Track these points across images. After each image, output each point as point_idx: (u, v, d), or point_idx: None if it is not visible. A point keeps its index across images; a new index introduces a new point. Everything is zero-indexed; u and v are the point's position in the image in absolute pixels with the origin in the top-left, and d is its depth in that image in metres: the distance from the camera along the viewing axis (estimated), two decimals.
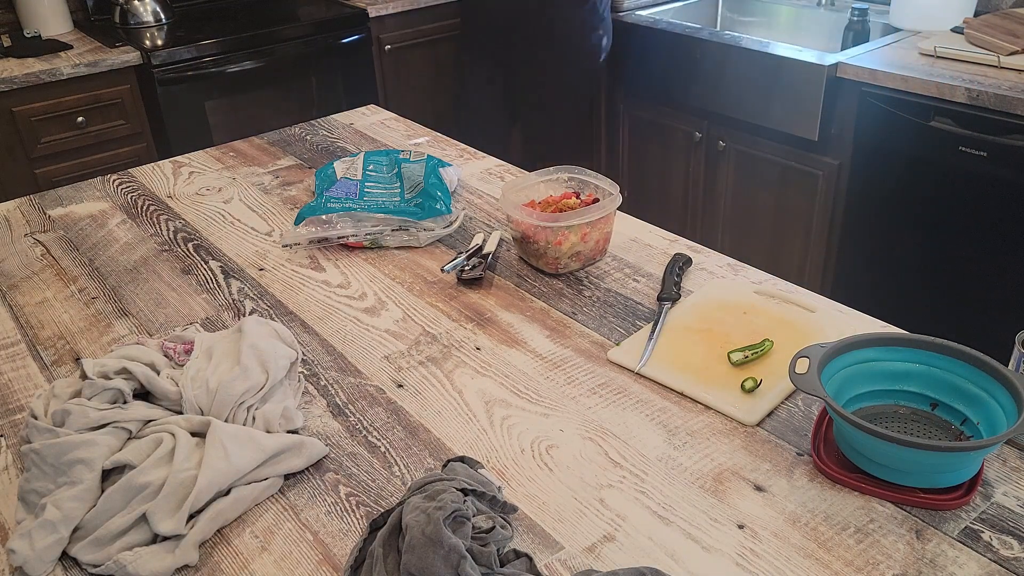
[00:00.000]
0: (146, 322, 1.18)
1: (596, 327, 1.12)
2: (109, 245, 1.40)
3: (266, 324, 1.03)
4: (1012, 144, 1.90)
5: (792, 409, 0.95)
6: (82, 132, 2.56)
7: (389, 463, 0.91)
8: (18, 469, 0.92)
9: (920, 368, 0.90)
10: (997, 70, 2.02)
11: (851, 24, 2.55)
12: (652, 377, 1.01)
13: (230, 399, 0.90)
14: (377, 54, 3.08)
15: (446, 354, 1.08)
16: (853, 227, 2.31)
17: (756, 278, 1.21)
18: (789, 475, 0.86)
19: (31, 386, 1.06)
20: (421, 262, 1.31)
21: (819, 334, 1.05)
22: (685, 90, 2.59)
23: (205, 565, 0.79)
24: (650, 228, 1.37)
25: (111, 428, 0.87)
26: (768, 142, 2.42)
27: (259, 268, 1.31)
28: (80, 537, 0.80)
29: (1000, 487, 0.82)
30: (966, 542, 0.77)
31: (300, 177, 1.63)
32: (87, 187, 1.63)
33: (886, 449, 0.79)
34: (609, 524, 0.81)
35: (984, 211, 2.01)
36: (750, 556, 0.77)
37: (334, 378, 1.05)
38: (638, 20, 2.69)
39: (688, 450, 0.90)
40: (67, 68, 2.46)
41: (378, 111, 1.98)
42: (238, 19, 2.96)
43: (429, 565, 0.67)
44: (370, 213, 1.35)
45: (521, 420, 0.95)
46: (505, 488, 0.86)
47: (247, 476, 0.85)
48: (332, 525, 0.83)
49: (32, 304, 1.24)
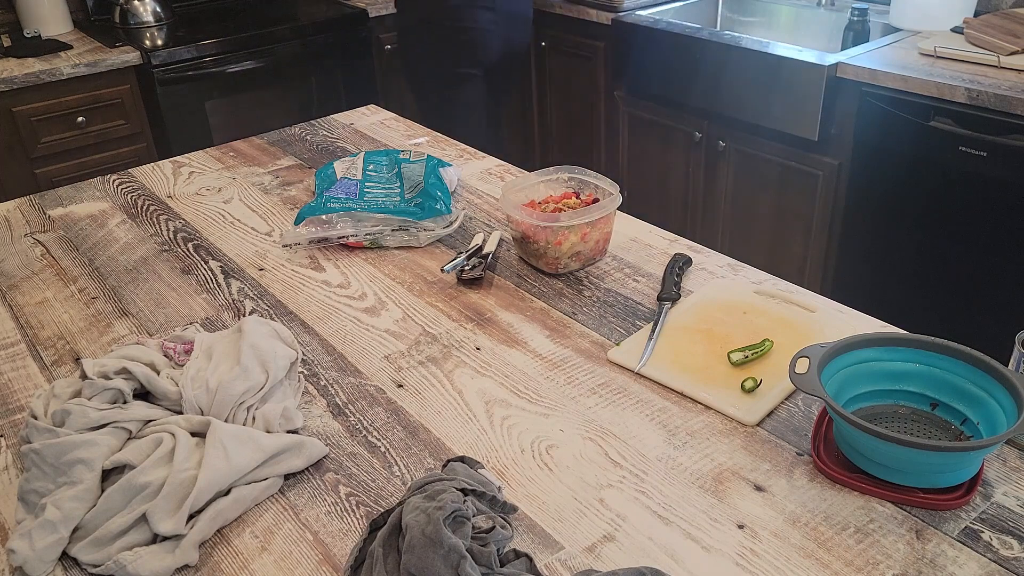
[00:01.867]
0: (146, 322, 1.18)
1: (596, 327, 1.12)
2: (109, 245, 1.40)
3: (266, 324, 1.03)
4: (1012, 144, 1.90)
5: (792, 409, 0.95)
6: (82, 132, 2.56)
7: (389, 463, 0.91)
8: (18, 469, 0.92)
9: (920, 368, 0.90)
10: (997, 70, 2.02)
11: (851, 24, 2.55)
12: (652, 377, 1.01)
13: (230, 399, 0.90)
14: (377, 54, 3.08)
15: (446, 354, 1.08)
16: (853, 227, 2.31)
17: (756, 278, 1.21)
18: (789, 475, 0.86)
19: (31, 386, 1.06)
20: (421, 262, 1.31)
21: (819, 334, 1.05)
22: (685, 90, 2.59)
23: (205, 565, 0.79)
24: (650, 228, 1.37)
25: (111, 428, 0.87)
26: (768, 142, 2.42)
27: (259, 268, 1.31)
28: (80, 537, 0.80)
29: (1000, 487, 0.82)
30: (966, 542, 0.77)
31: (300, 177, 1.63)
32: (87, 187, 1.63)
33: (886, 449, 0.80)
34: (609, 524, 0.81)
35: (984, 211, 2.01)
36: (750, 556, 0.77)
37: (334, 378, 1.05)
38: (638, 20, 2.69)
39: (688, 450, 0.90)
40: (67, 68, 2.46)
41: (378, 111, 1.98)
42: (238, 19, 2.96)
43: (429, 565, 0.67)
44: (370, 213, 1.35)
45: (521, 420, 0.95)
46: (505, 488, 0.86)
47: (247, 476, 0.85)
48: (332, 525, 0.83)
49: (32, 304, 1.24)
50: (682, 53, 2.55)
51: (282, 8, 3.11)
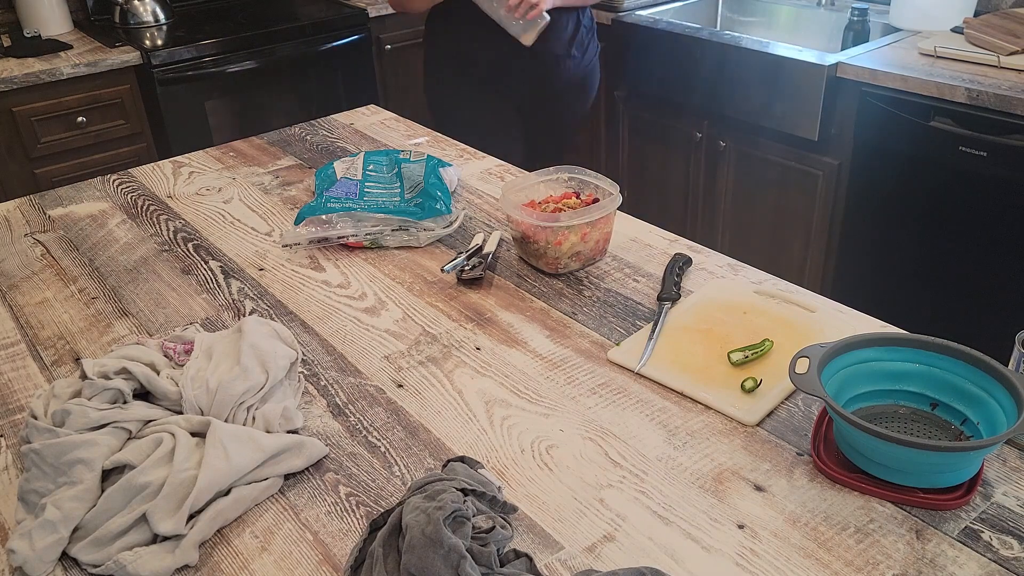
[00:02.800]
0: (146, 322, 1.18)
1: (596, 327, 1.12)
2: (109, 245, 1.40)
3: (266, 324, 1.03)
4: (1012, 144, 1.90)
5: (792, 409, 0.95)
6: (82, 132, 2.56)
7: (389, 463, 0.91)
8: (18, 469, 0.92)
9: (920, 368, 0.90)
10: (997, 70, 2.02)
11: (851, 24, 2.55)
12: (652, 377, 1.01)
13: (230, 399, 0.90)
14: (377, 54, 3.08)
15: (446, 354, 1.08)
16: (853, 227, 2.31)
17: (756, 278, 1.21)
18: (789, 475, 0.86)
19: (31, 386, 1.06)
20: (421, 262, 1.31)
21: (819, 334, 1.05)
22: (685, 90, 2.59)
23: (205, 565, 0.79)
24: (650, 228, 1.37)
25: (111, 428, 0.87)
26: (768, 142, 2.42)
27: (259, 268, 1.31)
28: (80, 537, 0.80)
29: (1000, 487, 0.82)
30: (966, 542, 0.77)
31: (300, 177, 1.63)
32: (87, 187, 1.63)
33: (886, 449, 0.79)
34: (609, 524, 0.81)
35: (984, 211, 2.01)
36: (750, 556, 0.77)
37: (334, 378, 1.05)
38: (638, 20, 2.69)
39: (688, 450, 0.90)
40: (67, 68, 2.46)
41: (378, 111, 1.98)
42: (238, 19, 2.96)
43: (429, 565, 0.67)
44: (370, 213, 1.35)
45: (521, 420, 0.95)
46: (505, 488, 0.86)
47: (247, 476, 0.85)
48: (332, 525, 0.83)
49: (32, 304, 1.24)
50: (682, 53, 2.55)
51: (282, 8, 3.11)
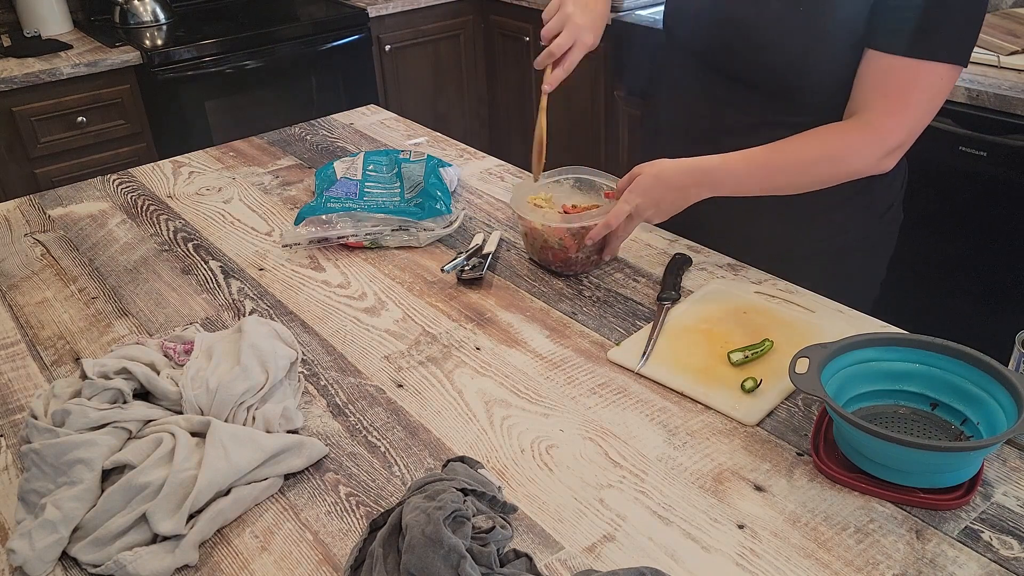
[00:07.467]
0: (146, 322, 1.18)
1: (596, 327, 1.12)
2: (109, 245, 1.40)
3: (266, 324, 1.03)
4: (1012, 144, 1.90)
5: (792, 409, 0.95)
6: (82, 132, 2.56)
7: (389, 463, 0.91)
8: (18, 469, 0.92)
9: (920, 368, 0.90)
10: (997, 70, 2.02)
11: None
12: (652, 377, 1.01)
13: (230, 399, 0.90)
14: (377, 54, 3.08)
15: (446, 354, 1.08)
16: None
17: (756, 278, 1.21)
18: (789, 475, 0.86)
19: (31, 386, 1.06)
20: (421, 262, 1.31)
21: (819, 334, 1.05)
22: None
23: (205, 565, 0.79)
24: (650, 228, 1.37)
25: (111, 428, 0.87)
26: None
27: (259, 268, 1.31)
28: (80, 537, 0.80)
29: (1000, 487, 0.82)
30: (966, 542, 0.77)
31: (300, 177, 1.63)
32: (87, 187, 1.63)
33: (886, 449, 0.79)
34: (609, 524, 0.81)
35: (984, 211, 2.01)
36: (750, 556, 0.77)
37: (334, 378, 1.05)
38: (638, 20, 2.69)
39: (688, 450, 0.90)
40: (67, 68, 2.46)
41: (378, 111, 1.98)
42: (238, 19, 2.96)
43: (429, 565, 0.67)
44: (370, 213, 1.35)
45: (521, 420, 0.95)
46: (505, 488, 0.86)
47: (247, 476, 0.85)
48: (332, 525, 0.83)
49: (32, 304, 1.24)
50: None
51: (282, 8, 3.11)
